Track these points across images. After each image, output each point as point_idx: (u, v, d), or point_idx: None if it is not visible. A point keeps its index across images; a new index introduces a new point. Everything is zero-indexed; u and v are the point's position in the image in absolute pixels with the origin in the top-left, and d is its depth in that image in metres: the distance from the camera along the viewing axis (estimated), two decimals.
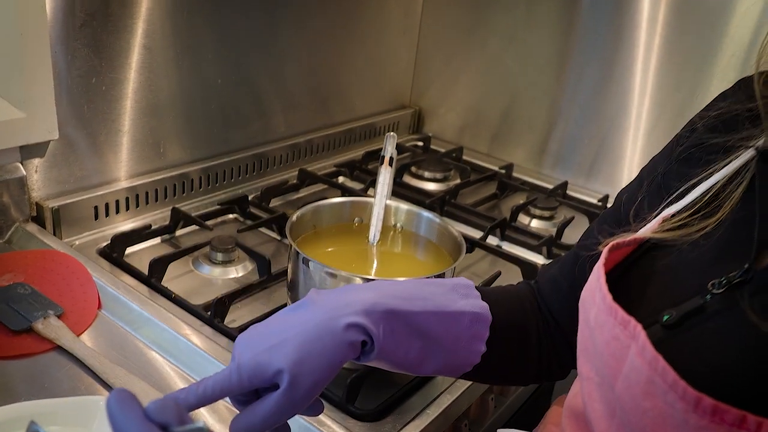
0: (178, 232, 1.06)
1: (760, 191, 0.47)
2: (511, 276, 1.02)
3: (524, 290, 0.69)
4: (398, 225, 0.90)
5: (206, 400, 0.48)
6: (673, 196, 0.54)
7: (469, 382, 0.79)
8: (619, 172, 1.39)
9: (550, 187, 1.36)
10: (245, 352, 0.50)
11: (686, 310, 0.44)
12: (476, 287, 0.61)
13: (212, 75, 1.14)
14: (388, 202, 0.88)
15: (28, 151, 0.92)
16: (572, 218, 1.21)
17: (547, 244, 1.11)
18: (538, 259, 1.09)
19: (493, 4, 1.47)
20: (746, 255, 0.45)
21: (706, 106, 0.60)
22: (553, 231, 1.16)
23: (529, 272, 1.02)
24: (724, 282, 0.44)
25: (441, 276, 0.76)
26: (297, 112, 1.35)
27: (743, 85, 0.56)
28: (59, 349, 0.73)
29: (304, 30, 1.28)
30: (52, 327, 0.74)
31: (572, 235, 1.16)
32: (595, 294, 0.49)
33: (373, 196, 0.87)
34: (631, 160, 1.38)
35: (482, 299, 0.59)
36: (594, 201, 1.34)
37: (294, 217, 0.82)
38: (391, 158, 0.89)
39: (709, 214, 0.50)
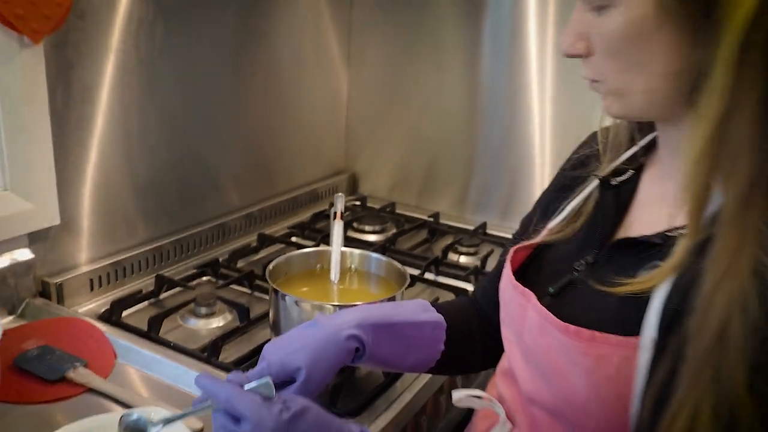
0: (162, 295, 1.23)
1: (601, 205, 0.71)
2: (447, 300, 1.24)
3: (465, 302, 0.90)
4: (353, 266, 1.11)
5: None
6: (554, 213, 0.78)
7: (424, 382, 0.99)
8: (529, 209, 1.64)
9: (472, 228, 1.60)
10: (273, 354, 0.69)
11: (562, 284, 0.67)
12: (432, 304, 0.83)
13: (174, 161, 1.34)
14: (343, 248, 1.09)
15: (34, 237, 1.09)
16: (492, 251, 1.45)
17: (474, 273, 1.34)
18: (468, 287, 1.31)
19: (408, 78, 1.74)
20: (595, 245, 0.68)
21: (573, 152, 0.85)
22: (478, 263, 1.39)
23: (461, 295, 1.24)
24: (583, 263, 0.67)
25: (393, 298, 0.97)
26: (246, 186, 1.55)
27: (592, 137, 0.81)
28: (90, 391, 0.89)
29: (244, 116, 1.50)
30: (82, 374, 0.91)
31: (493, 265, 1.39)
32: (507, 282, 0.71)
33: (330, 246, 1.08)
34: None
35: (438, 312, 0.80)
36: (510, 236, 1.58)
37: (271, 266, 1.02)
38: (342, 213, 1.10)
39: (575, 222, 0.74)
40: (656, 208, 0.66)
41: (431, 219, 1.67)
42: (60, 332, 1.01)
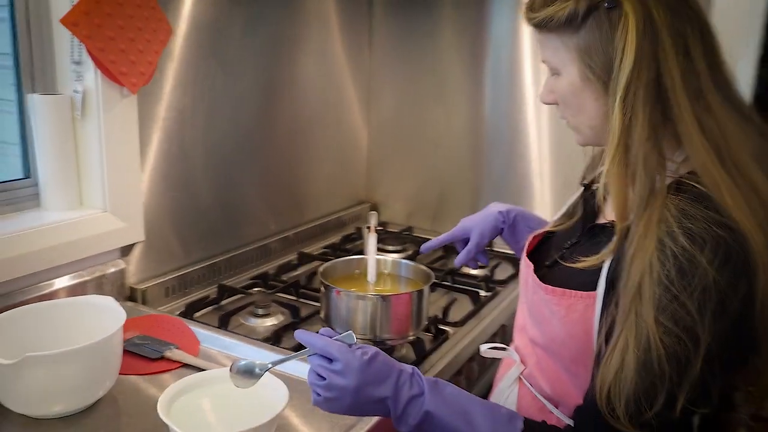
0: (224, 301, 1.46)
1: (584, 203, 0.95)
2: (463, 302, 1.47)
3: None
4: (386, 271, 1.35)
5: None
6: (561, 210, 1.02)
7: (445, 363, 1.22)
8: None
9: None
10: (459, 224, 1.22)
11: (554, 258, 0.91)
12: None
13: (223, 194, 1.58)
14: (377, 256, 1.32)
15: (125, 250, 1.33)
16: (499, 263, 1.69)
17: (485, 280, 1.58)
18: (482, 291, 1.54)
19: (420, 119, 2.00)
20: (579, 231, 0.92)
21: None
22: (488, 272, 1.62)
23: (475, 298, 1.47)
24: (569, 244, 0.91)
25: (421, 292, 1.21)
26: (282, 214, 1.79)
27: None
28: (185, 366, 1.12)
29: (279, 155, 1.75)
30: (177, 354, 1.13)
31: (500, 274, 1.63)
32: (522, 257, 0.96)
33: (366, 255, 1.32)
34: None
35: None
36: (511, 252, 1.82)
37: (321, 269, 1.26)
38: (375, 227, 1.34)
39: (572, 217, 0.98)
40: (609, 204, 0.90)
41: None
42: (151, 325, 1.24)
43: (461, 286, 1.56)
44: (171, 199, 1.44)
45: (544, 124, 1.84)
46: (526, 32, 1.83)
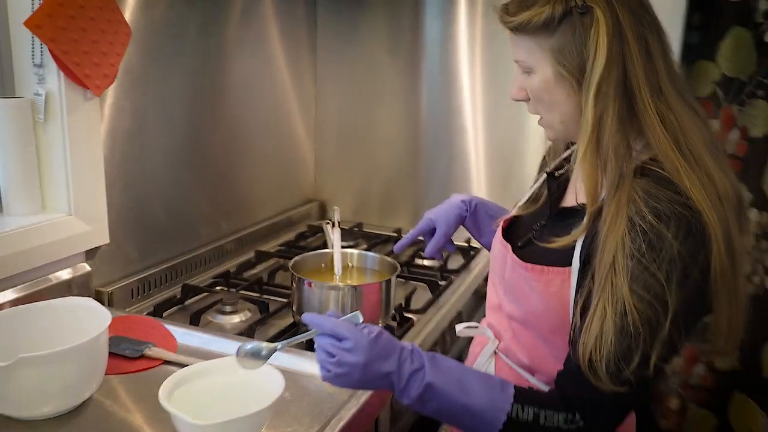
0: (189, 300, 1.47)
1: (549, 189, 1.03)
2: (422, 291, 1.55)
3: None
4: (351, 264, 1.40)
5: None
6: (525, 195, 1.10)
7: (420, 340, 1.28)
8: None
9: None
10: (425, 216, 1.28)
11: (525, 239, 0.99)
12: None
13: (177, 199, 1.60)
14: (342, 250, 1.37)
15: (90, 254, 1.33)
16: (449, 254, 1.77)
17: (440, 270, 1.65)
18: (438, 281, 1.61)
19: (365, 120, 2.06)
20: (546, 214, 1.00)
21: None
22: (441, 262, 1.70)
23: (433, 287, 1.55)
24: (538, 226, 0.99)
25: (389, 281, 1.27)
26: (234, 216, 1.81)
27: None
28: (166, 363, 1.13)
29: (228, 161, 1.77)
30: (156, 351, 1.15)
31: (453, 264, 1.71)
32: (496, 238, 1.04)
33: (331, 249, 1.37)
34: None
35: None
36: (462, 243, 1.90)
37: (291, 263, 1.30)
38: (339, 222, 1.39)
39: (536, 201, 1.06)
40: (580, 189, 0.99)
41: (395, 234, 1.98)
42: (124, 326, 1.24)
43: (419, 277, 1.63)
44: (128, 201, 1.44)
45: (480, 123, 1.94)
46: (462, 36, 1.92)
